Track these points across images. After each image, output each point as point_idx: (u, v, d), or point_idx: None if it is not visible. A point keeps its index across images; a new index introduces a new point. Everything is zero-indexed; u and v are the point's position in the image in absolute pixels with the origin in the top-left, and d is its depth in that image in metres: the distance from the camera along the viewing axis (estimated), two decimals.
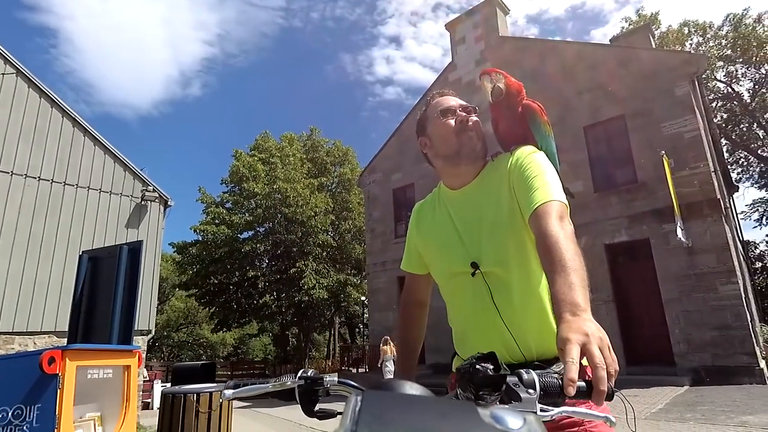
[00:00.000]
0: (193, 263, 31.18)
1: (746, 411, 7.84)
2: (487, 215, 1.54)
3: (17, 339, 10.67)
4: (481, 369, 0.88)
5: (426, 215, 1.78)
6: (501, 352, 1.40)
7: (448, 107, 1.66)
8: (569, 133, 14.10)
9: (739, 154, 31.30)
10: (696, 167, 12.34)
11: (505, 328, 1.44)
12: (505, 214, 1.50)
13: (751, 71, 27.76)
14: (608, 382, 0.87)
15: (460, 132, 1.61)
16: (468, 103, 1.68)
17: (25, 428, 3.47)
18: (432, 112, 1.70)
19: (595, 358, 0.89)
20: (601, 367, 0.88)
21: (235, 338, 50.14)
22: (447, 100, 1.70)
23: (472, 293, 1.53)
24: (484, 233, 1.53)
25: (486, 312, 1.48)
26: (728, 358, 11.15)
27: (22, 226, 11.05)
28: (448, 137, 1.63)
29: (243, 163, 30.60)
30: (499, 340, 1.45)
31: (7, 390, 3.53)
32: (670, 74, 13.10)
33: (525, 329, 1.44)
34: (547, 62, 15.50)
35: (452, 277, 1.60)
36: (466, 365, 0.91)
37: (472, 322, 1.55)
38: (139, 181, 13.37)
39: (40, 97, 11.95)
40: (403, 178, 19.48)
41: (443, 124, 1.64)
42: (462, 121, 1.62)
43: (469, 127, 1.62)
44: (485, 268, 1.49)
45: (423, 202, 1.84)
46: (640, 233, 12.89)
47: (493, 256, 1.49)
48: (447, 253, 1.61)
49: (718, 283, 11.55)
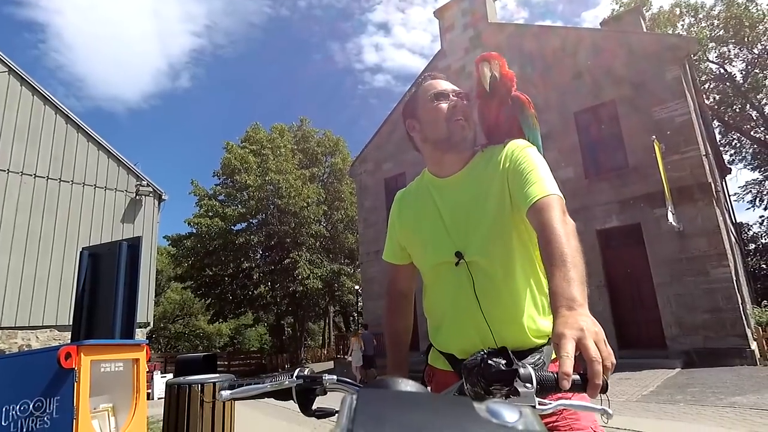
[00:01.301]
0: (188, 256, 31.18)
1: (736, 392, 7.99)
2: (475, 206, 1.52)
3: (20, 333, 10.74)
4: (493, 364, 0.89)
5: (409, 203, 1.73)
6: (474, 342, 1.43)
7: (441, 91, 1.61)
8: (560, 119, 14.15)
9: (732, 136, 31.07)
10: (687, 151, 12.38)
11: (483, 318, 1.43)
12: (494, 207, 1.49)
13: (743, 52, 27.42)
14: (603, 375, 0.88)
15: (451, 118, 1.56)
16: (461, 89, 1.63)
17: (46, 419, 3.63)
18: (424, 95, 1.64)
19: (590, 351, 0.89)
20: (597, 361, 0.88)
21: (231, 329, 50.08)
22: (440, 83, 1.64)
23: (454, 283, 1.50)
24: (471, 224, 1.51)
25: (466, 302, 1.46)
26: (719, 341, 11.28)
27: (20, 223, 11.08)
28: (438, 122, 1.58)
29: (234, 155, 30.55)
30: (475, 331, 1.44)
31: (28, 384, 3.70)
32: (660, 58, 13.10)
33: (502, 321, 1.42)
34: (537, 48, 15.45)
35: (435, 266, 1.57)
36: (476, 360, 0.92)
37: (450, 312, 1.53)
38: (133, 176, 13.39)
39: (33, 95, 11.92)
40: (394, 168, 19.46)
41: (435, 108, 1.59)
42: (455, 107, 1.58)
43: (462, 114, 1.57)
44: (469, 258, 1.47)
45: (405, 191, 1.80)
46: (632, 218, 12.95)
47: (478, 246, 1.47)
48: (431, 242, 1.58)
49: (709, 267, 11.66)
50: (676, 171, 12.28)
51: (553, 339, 0.98)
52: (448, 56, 18.06)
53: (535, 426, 0.51)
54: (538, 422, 0.52)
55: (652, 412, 6.98)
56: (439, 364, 1.58)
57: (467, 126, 1.58)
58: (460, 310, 1.49)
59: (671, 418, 6.56)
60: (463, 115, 1.58)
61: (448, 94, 1.59)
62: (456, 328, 1.51)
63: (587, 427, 1.33)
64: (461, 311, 1.48)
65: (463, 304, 1.47)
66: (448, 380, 1.47)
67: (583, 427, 1.32)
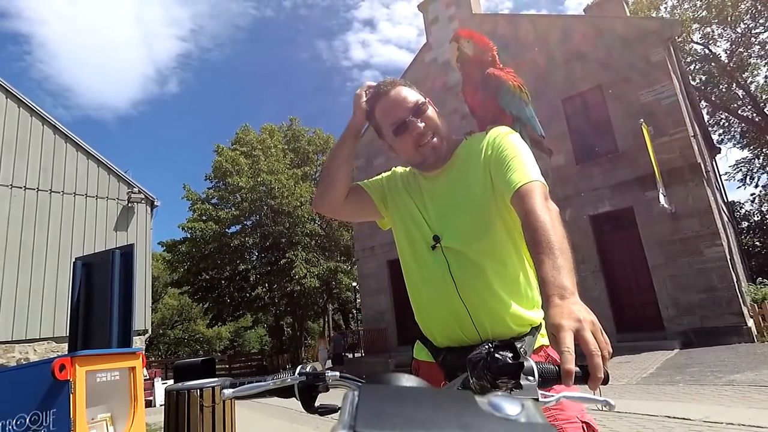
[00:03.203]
0: (183, 261, 31.13)
1: (734, 370, 8.04)
2: (457, 193, 1.53)
3: (17, 347, 10.73)
4: (500, 357, 0.88)
5: (398, 182, 1.73)
6: (453, 328, 1.43)
7: (399, 122, 1.56)
8: (547, 107, 14.16)
9: (720, 116, 31.07)
10: (675, 133, 12.44)
11: (462, 303, 1.42)
12: (476, 194, 1.49)
13: (727, 31, 27.39)
14: (603, 366, 0.88)
15: (419, 144, 1.55)
16: (418, 97, 1.58)
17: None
18: (384, 122, 1.61)
19: (590, 345, 0.89)
20: (597, 355, 0.88)
21: (231, 332, 50.11)
22: (395, 106, 1.58)
23: (430, 267, 1.50)
24: (450, 209, 1.52)
25: (443, 286, 1.45)
26: (716, 319, 11.36)
27: (12, 236, 11.06)
28: (409, 152, 1.59)
29: (225, 157, 30.44)
30: (454, 317, 1.44)
31: (23, 398, 3.70)
32: (644, 41, 13.15)
33: (480, 307, 1.41)
34: (522, 37, 15.43)
35: (413, 250, 1.57)
36: (481, 354, 0.91)
37: (428, 298, 1.52)
38: (124, 184, 13.36)
39: (19, 107, 11.88)
40: (385, 163, 19.17)
41: (400, 142, 1.59)
42: (419, 134, 1.54)
43: (428, 134, 1.55)
44: (446, 243, 1.47)
45: (400, 170, 1.79)
46: (624, 202, 13.01)
47: (456, 231, 1.48)
48: (411, 225, 1.59)
49: (702, 246, 11.73)
50: (665, 153, 12.32)
51: (549, 330, 0.98)
52: (434, 49, 18.01)
53: (538, 418, 0.52)
54: (540, 414, 0.53)
55: (653, 394, 7.02)
56: (422, 356, 1.57)
57: (438, 141, 1.56)
58: (438, 295, 1.48)
59: (671, 398, 6.60)
60: (431, 133, 1.56)
61: (406, 122, 1.55)
62: (434, 313, 1.50)
63: (572, 416, 1.30)
64: (439, 297, 1.47)
65: (441, 290, 1.46)
66: (432, 371, 1.47)
67: (568, 417, 1.30)
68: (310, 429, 7.38)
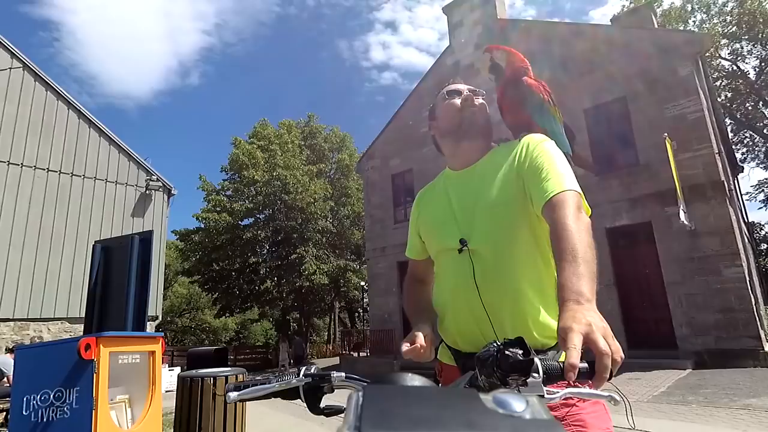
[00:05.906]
0: (195, 250, 31.36)
1: (749, 394, 7.89)
2: (485, 196, 1.52)
3: (32, 325, 10.86)
4: (511, 354, 0.89)
5: (428, 198, 1.77)
6: (474, 332, 1.43)
7: (455, 88, 1.71)
8: (569, 116, 13.93)
9: (744, 134, 30.64)
10: (699, 149, 12.24)
11: (482, 307, 1.41)
12: (504, 198, 1.48)
13: (757, 48, 26.97)
14: (612, 368, 0.88)
15: (463, 108, 1.65)
16: (476, 88, 1.72)
17: (66, 409, 3.69)
18: (441, 96, 1.74)
19: (599, 345, 0.89)
20: (607, 354, 0.88)
21: (237, 323, 50.35)
22: (456, 84, 1.73)
23: (456, 270, 1.50)
24: (478, 212, 1.51)
25: (466, 289, 1.45)
26: (732, 341, 11.14)
27: (33, 216, 11.23)
28: (452, 114, 1.67)
29: (242, 150, 30.64)
30: (475, 322, 1.44)
31: (48, 374, 3.77)
32: (672, 54, 12.95)
33: (502, 311, 1.41)
34: (546, 44, 15.32)
35: (441, 253, 1.60)
36: (490, 351, 0.92)
37: (451, 300, 1.53)
38: (143, 171, 13.46)
39: (46, 91, 12.05)
40: (401, 164, 19.32)
41: (449, 103, 1.69)
42: (467, 99, 1.67)
43: (472, 104, 1.66)
44: (473, 246, 1.47)
45: (426, 187, 1.84)
46: (642, 216, 12.83)
47: (483, 234, 1.47)
48: (439, 229, 1.61)
49: (721, 266, 11.52)
50: (688, 169, 12.13)
51: (559, 332, 0.98)
52: (457, 53, 17.98)
53: (543, 415, 0.51)
54: (545, 411, 0.52)
55: (665, 413, 6.92)
56: (446, 359, 1.58)
57: (477, 112, 1.65)
58: (460, 298, 1.48)
59: (684, 419, 6.50)
60: (474, 105, 1.67)
61: (461, 90, 1.69)
62: (457, 318, 1.51)
63: None
64: (462, 299, 1.48)
65: (464, 293, 1.46)
66: (452, 375, 1.48)
67: None
68: (316, 425, 7.36)
